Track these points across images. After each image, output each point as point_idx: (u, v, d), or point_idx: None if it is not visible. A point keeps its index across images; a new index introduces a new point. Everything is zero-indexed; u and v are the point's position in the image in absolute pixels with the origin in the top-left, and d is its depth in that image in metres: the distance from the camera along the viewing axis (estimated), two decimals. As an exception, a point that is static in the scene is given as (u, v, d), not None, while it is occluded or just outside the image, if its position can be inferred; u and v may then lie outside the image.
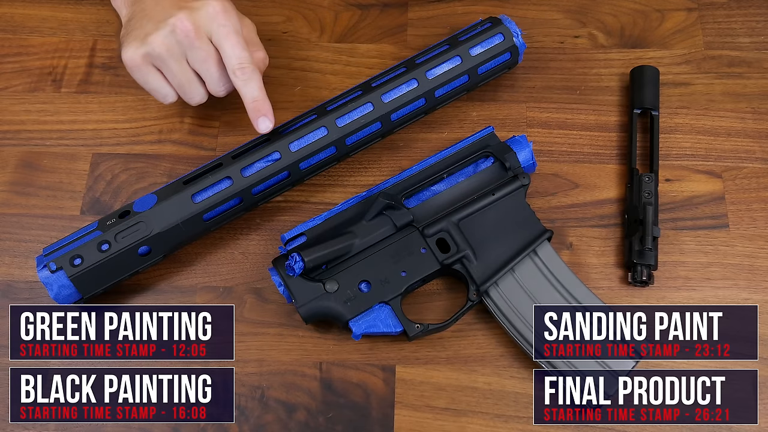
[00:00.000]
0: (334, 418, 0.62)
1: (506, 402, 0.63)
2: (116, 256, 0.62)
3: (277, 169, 0.65)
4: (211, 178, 0.64)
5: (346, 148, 0.68)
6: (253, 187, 0.65)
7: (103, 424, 0.62)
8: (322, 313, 0.62)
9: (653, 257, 0.66)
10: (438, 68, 0.69)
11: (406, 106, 0.69)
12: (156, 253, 0.64)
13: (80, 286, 0.62)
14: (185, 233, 0.64)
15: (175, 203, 0.63)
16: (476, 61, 0.70)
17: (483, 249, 0.64)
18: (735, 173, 0.71)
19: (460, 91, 0.72)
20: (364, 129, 0.68)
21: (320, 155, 0.67)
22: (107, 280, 0.63)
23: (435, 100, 0.70)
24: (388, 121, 0.68)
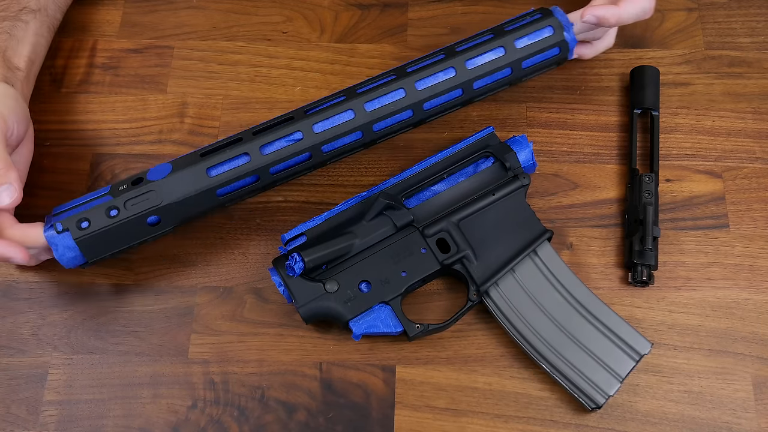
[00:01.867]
0: (334, 418, 0.62)
1: (506, 402, 0.63)
2: (124, 223, 0.61)
3: (298, 149, 0.63)
4: (228, 152, 0.62)
5: (373, 135, 0.65)
6: (272, 166, 0.63)
7: (102, 424, 0.62)
8: (322, 313, 0.62)
9: (653, 257, 0.66)
10: (479, 58, 0.66)
11: (441, 95, 0.65)
12: (165, 224, 0.62)
13: (85, 250, 0.61)
14: (197, 207, 0.63)
15: (189, 175, 0.61)
16: (521, 53, 0.66)
17: (483, 249, 0.64)
18: (735, 173, 0.71)
19: (501, 84, 0.68)
20: (393, 116, 0.65)
21: (345, 139, 0.64)
22: (113, 246, 0.62)
23: (473, 91, 0.67)
24: (421, 110, 0.66)
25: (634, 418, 0.62)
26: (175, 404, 0.63)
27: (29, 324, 0.66)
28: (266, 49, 0.78)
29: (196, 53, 0.78)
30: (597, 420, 0.62)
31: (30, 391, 0.64)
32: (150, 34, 0.79)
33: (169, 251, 0.69)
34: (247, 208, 0.70)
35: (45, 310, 0.66)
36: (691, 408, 0.62)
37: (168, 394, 0.63)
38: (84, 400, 0.63)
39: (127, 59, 0.77)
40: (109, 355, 0.65)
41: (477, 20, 0.79)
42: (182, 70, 0.77)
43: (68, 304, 0.67)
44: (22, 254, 0.60)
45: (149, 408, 0.63)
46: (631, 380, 0.63)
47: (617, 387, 0.60)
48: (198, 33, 0.79)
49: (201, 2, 0.81)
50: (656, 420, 0.62)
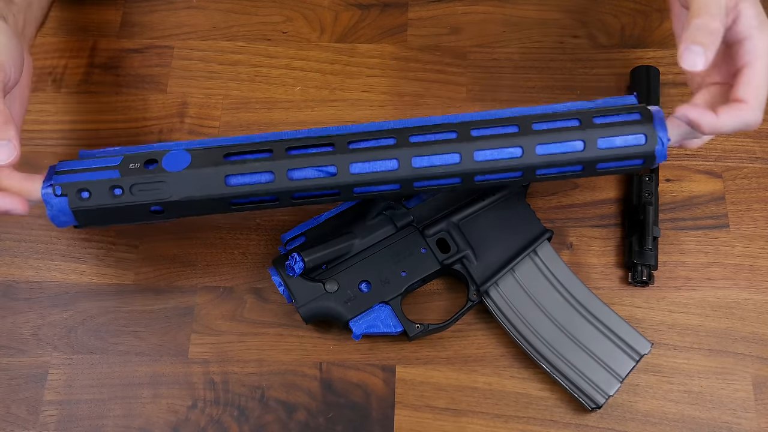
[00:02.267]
0: (334, 418, 0.62)
1: (506, 402, 0.63)
2: (125, 207, 0.57)
3: (329, 185, 0.57)
4: (254, 164, 0.57)
5: (411, 189, 0.58)
6: (295, 192, 0.58)
7: (102, 424, 0.62)
8: (322, 313, 0.62)
9: (653, 257, 0.66)
10: (552, 146, 0.57)
11: (499, 173, 0.57)
12: (168, 215, 0.59)
13: (80, 218, 0.58)
14: (205, 209, 0.59)
15: (206, 177, 0.57)
16: (600, 154, 0.57)
17: (483, 249, 0.64)
18: (735, 173, 0.71)
19: (562, 177, 0.59)
20: (439, 179, 0.58)
21: (380, 187, 0.58)
22: (109, 221, 0.59)
23: (533, 177, 0.58)
24: (471, 180, 0.58)
25: (634, 418, 0.62)
26: (175, 404, 0.63)
27: (29, 324, 0.66)
28: (266, 49, 0.78)
29: (196, 53, 0.78)
30: (597, 420, 0.62)
31: (30, 391, 0.64)
32: (150, 34, 0.79)
33: (169, 251, 0.69)
34: (247, 208, 0.70)
35: (45, 310, 0.66)
36: (691, 408, 0.62)
37: (168, 394, 0.63)
38: (84, 400, 0.63)
39: (127, 59, 0.77)
40: (109, 355, 0.65)
41: (477, 20, 0.79)
42: (182, 70, 0.77)
43: (68, 304, 0.67)
44: (22, 206, 0.55)
45: (149, 408, 0.63)
46: (631, 380, 0.63)
47: (617, 387, 0.60)
48: (198, 33, 0.79)
49: (201, 2, 0.81)
50: (656, 420, 0.62)
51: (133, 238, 0.69)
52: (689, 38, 0.53)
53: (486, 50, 0.78)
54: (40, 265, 0.68)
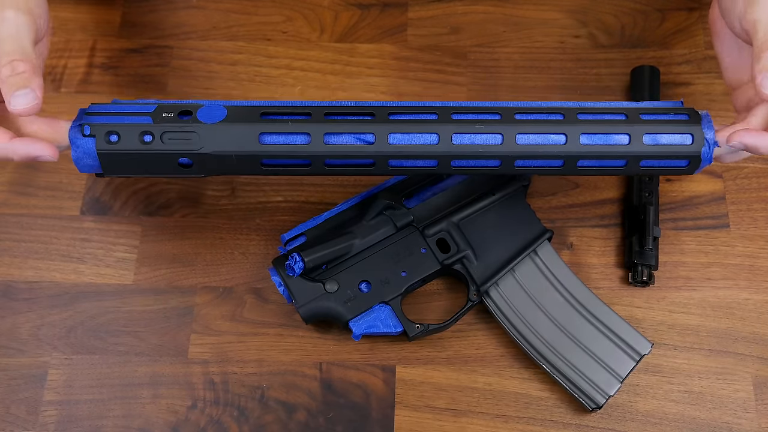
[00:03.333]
0: (334, 418, 0.62)
1: (506, 402, 0.63)
2: (153, 154, 0.55)
3: (364, 153, 0.56)
4: (290, 126, 0.55)
5: (449, 168, 0.57)
6: (329, 158, 0.56)
7: (102, 424, 0.62)
8: (322, 313, 0.62)
9: (654, 257, 0.66)
10: (596, 136, 0.56)
11: (540, 159, 0.56)
12: (196, 170, 0.57)
13: (105, 164, 0.56)
14: (235, 167, 0.57)
15: (240, 133, 0.55)
16: (645, 151, 0.56)
17: (483, 249, 0.64)
18: (735, 173, 0.71)
19: (604, 171, 0.58)
20: (478, 159, 0.57)
21: (417, 162, 0.57)
22: (134, 170, 0.57)
23: (575, 169, 0.57)
24: (511, 164, 0.57)
25: (634, 418, 0.62)
26: (174, 404, 0.63)
27: (29, 324, 0.66)
28: (266, 49, 0.78)
29: (196, 53, 0.78)
30: (597, 420, 0.62)
31: (30, 391, 0.64)
32: (150, 34, 0.79)
33: (169, 251, 0.69)
34: (247, 208, 0.70)
35: (45, 310, 0.66)
36: (691, 408, 0.62)
37: (168, 394, 0.63)
38: (84, 400, 0.63)
39: (127, 59, 0.77)
40: (109, 355, 0.65)
41: (477, 20, 0.79)
42: (182, 70, 0.77)
43: (68, 304, 0.67)
44: (51, 151, 0.54)
45: (149, 408, 0.63)
46: (631, 380, 0.63)
47: (617, 387, 0.60)
48: (198, 33, 0.79)
49: (201, 2, 0.81)
50: (656, 420, 0.62)
51: (133, 238, 0.69)
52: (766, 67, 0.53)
53: (486, 50, 0.78)
54: (39, 265, 0.68)
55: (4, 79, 0.51)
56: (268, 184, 0.71)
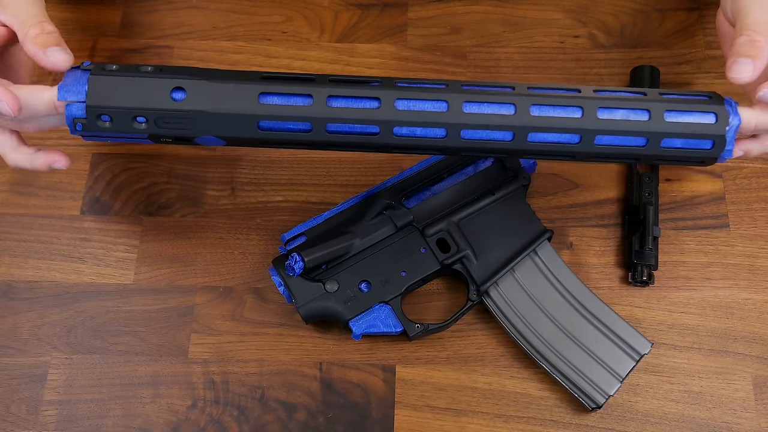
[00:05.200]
0: (334, 418, 0.62)
1: (506, 402, 0.63)
2: (147, 80, 0.53)
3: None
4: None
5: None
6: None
7: (102, 424, 0.62)
8: (322, 313, 0.62)
9: (653, 257, 0.66)
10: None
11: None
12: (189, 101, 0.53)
13: (92, 89, 0.53)
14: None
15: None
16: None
17: (483, 249, 0.64)
18: (735, 173, 0.71)
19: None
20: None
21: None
22: (123, 105, 0.53)
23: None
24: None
25: (634, 418, 0.62)
26: (175, 404, 0.63)
27: (29, 324, 0.66)
28: (266, 49, 0.78)
29: (196, 53, 0.78)
30: (597, 420, 0.62)
31: (30, 391, 0.64)
32: (150, 34, 0.79)
33: (169, 251, 0.69)
34: (247, 208, 0.70)
35: (45, 310, 0.66)
36: (691, 408, 0.62)
37: (168, 393, 0.63)
38: (84, 400, 0.63)
39: (127, 59, 0.77)
40: (109, 355, 0.65)
41: (477, 20, 0.79)
42: (182, 70, 0.77)
43: (68, 304, 0.67)
44: (65, 160, 0.56)
45: (149, 408, 0.63)
46: (631, 380, 0.63)
47: (617, 387, 0.60)
48: (198, 33, 0.79)
49: (201, 2, 0.81)
50: (656, 420, 0.62)
51: (133, 238, 0.69)
52: (736, 52, 0.55)
53: (486, 50, 0.78)
54: (40, 265, 0.68)
55: (32, 38, 0.52)
56: (268, 184, 0.71)
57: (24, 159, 0.57)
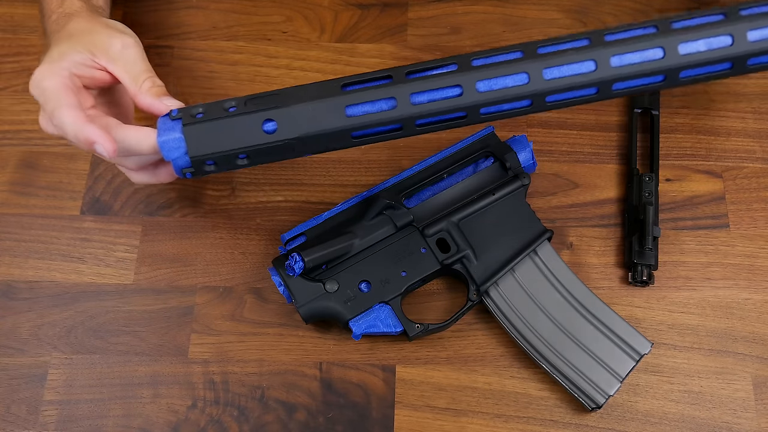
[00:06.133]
0: (334, 418, 0.62)
1: (506, 402, 0.63)
2: (238, 118, 0.54)
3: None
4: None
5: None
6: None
7: (102, 424, 0.62)
8: (322, 313, 0.62)
9: (653, 257, 0.66)
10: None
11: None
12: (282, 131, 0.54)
13: (189, 139, 0.55)
14: (324, 145, 0.56)
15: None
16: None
17: (483, 249, 0.64)
18: (735, 173, 0.71)
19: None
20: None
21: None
22: (221, 147, 0.55)
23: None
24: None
25: (634, 418, 0.62)
26: (175, 404, 0.63)
27: (29, 324, 0.66)
28: (266, 49, 0.78)
29: (196, 53, 0.78)
30: (597, 420, 0.62)
31: (30, 391, 0.64)
32: (150, 34, 0.79)
33: (169, 251, 0.69)
34: (247, 208, 0.70)
35: (45, 310, 0.66)
36: (691, 408, 0.62)
37: (168, 393, 0.63)
38: (84, 400, 0.63)
39: (127, 59, 0.77)
40: (109, 355, 0.65)
41: (477, 20, 0.79)
42: (182, 70, 0.77)
43: (68, 304, 0.67)
44: (110, 145, 0.55)
45: (149, 408, 0.63)
46: (631, 380, 0.63)
47: (617, 387, 0.60)
48: (198, 33, 0.79)
49: (201, 2, 0.81)
50: (656, 420, 0.62)
51: (133, 238, 0.69)
52: None
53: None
54: (40, 265, 0.68)
55: (147, 90, 0.59)
56: (268, 184, 0.71)
57: (146, 177, 0.62)
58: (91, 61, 0.59)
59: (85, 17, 0.62)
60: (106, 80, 0.61)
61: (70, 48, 0.59)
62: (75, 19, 0.62)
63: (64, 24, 0.62)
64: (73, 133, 0.56)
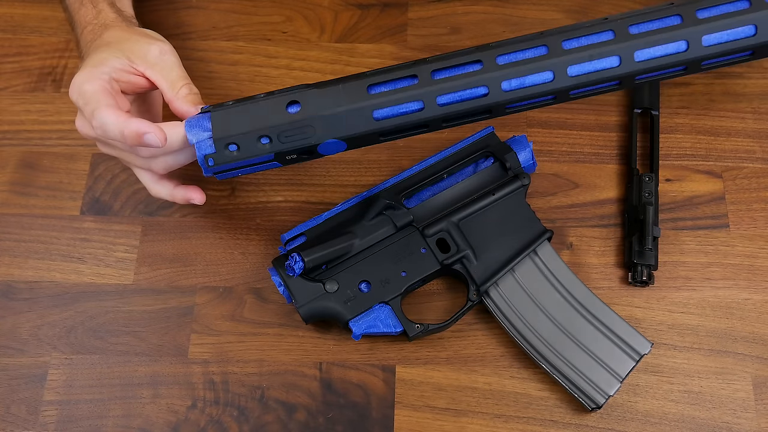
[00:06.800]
0: (334, 418, 0.62)
1: (506, 402, 0.63)
2: (263, 103, 0.56)
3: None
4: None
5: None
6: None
7: (102, 424, 0.62)
8: (322, 313, 0.62)
9: (653, 257, 0.66)
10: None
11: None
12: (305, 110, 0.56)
13: (216, 123, 0.56)
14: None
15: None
16: None
17: (483, 249, 0.64)
18: (735, 173, 0.71)
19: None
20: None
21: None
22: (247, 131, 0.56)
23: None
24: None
25: (634, 418, 0.62)
26: (174, 404, 0.63)
27: (29, 324, 0.66)
28: (266, 49, 0.78)
29: (195, 53, 0.78)
30: (597, 420, 0.62)
31: (30, 391, 0.64)
32: (150, 34, 0.79)
33: (169, 251, 0.69)
34: (247, 208, 0.70)
35: (45, 310, 0.66)
36: (691, 408, 0.62)
37: (168, 394, 0.63)
38: (84, 400, 0.63)
39: (127, 59, 0.77)
40: (109, 355, 0.65)
41: (477, 20, 0.79)
42: (182, 70, 0.77)
43: (68, 304, 0.67)
44: (160, 134, 0.56)
45: (149, 408, 0.63)
46: (631, 380, 0.63)
47: (617, 387, 0.60)
48: (198, 33, 0.79)
49: (201, 2, 0.81)
50: (656, 420, 0.62)
51: (133, 238, 0.69)
52: None
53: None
54: (40, 265, 0.68)
55: (183, 96, 0.60)
56: (268, 184, 0.71)
57: (165, 191, 0.63)
58: (129, 67, 0.61)
59: (121, 27, 0.64)
60: (143, 86, 0.62)
61: (109, 54, 0.60)
62: (111, 28, 0.64)
63: (100, 33, 0.64)
64: (119, 130, 0.57)
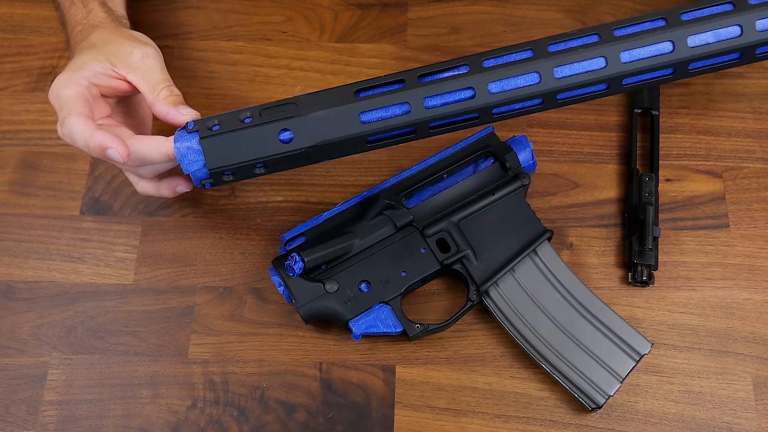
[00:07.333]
0: (334, 418, 0.62)
1: (506, 402, 0.63)
2: (254, 129, 0.55)
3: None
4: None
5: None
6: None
7: (102, 424, 0.62)
8: (322, 313, 0.62)
9: (653, 257, 0.66)
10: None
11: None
12: (298, 140, 0.55)
13: (207, 151, 0.56)
14: (338, 151, 0.57)
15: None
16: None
17: (483, 249, 0.64)
18: (735, 173, 0.71)
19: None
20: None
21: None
22: (238, 158, 0.56)
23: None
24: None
25: (634, 418, 0.62)
26: (174, 404, 0.63)
27: (29, 324, 0.66)
28: (266, 49, 0.78)
29: (196, 53, 0.78)
30: (597, 420, 0.62)
31: (29, 391, 0.64)
32: (150, 34, 0.78)
33: (169, 251, 0.69)
34: (247, 208, 0.70)
35: (45, 310, 0.66)
36: (691, 408, 0.62)
37: (168, 394, 0.63)
38: (84, 400, 0.63)
39: (127, 59, 0.77)
40: (109, 355, 0.65)
41: (477, 20, 0.79)
42: (182, 70, 0.77)
43: (68, 304, 0.67)
44: (122, 149, 0.56)
45: (149, 408, 0.63)
46: (631, 380, 0.63)
47: (617, 387, 0.60)
48: (198, 33, 0.79)
49: (201, 2, 0.81)
50: (656, 420, 0.62)
51: (133, 238, 0.69)
52: None
53: (486, 50, 0.77)
54: (39, 265, 0.68)
55: (164, 99, 0.60)
56: (268, 184, 0.71)
57: (151, 188, 0.63)
58: (110, 71, 0.60)
59: (109, 28, 0.64)
60: (124, 89, 0.62)
61: (91, 58, 0.60)
62: (98, 29, 0.64)
63: (87, 35, 0.64)
64: (83, 141, 0.57)
